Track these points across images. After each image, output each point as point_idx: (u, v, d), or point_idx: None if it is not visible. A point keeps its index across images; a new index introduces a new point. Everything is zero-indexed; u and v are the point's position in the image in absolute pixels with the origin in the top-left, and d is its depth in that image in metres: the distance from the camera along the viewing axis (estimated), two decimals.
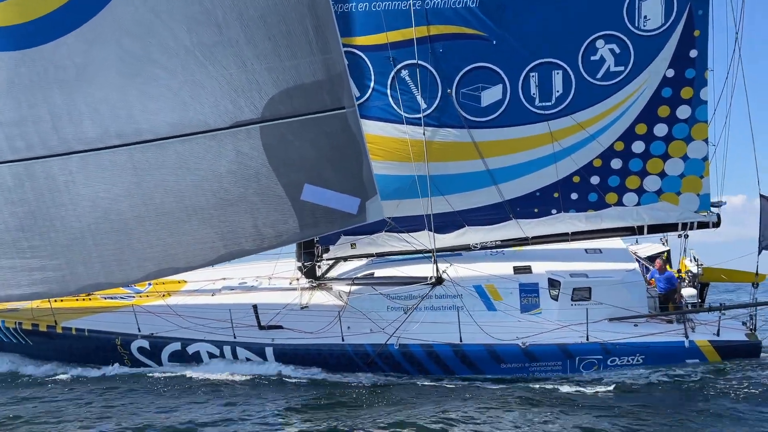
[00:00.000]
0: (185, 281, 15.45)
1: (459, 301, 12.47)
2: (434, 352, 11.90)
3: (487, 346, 11.78)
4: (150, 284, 15.16)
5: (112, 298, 14.85)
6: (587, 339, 11.54)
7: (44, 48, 10.47)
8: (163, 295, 14.61)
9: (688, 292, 13.22)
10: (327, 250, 14.60)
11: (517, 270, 12.95)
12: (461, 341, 11.84)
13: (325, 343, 12.36)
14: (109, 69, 10.57)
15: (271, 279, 15.07)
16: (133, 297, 14.90)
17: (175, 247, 11.48)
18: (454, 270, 12.74)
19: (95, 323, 14.00)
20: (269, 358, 12.58)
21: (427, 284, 12.29)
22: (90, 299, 14.89)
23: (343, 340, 12.28)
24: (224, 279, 15.36)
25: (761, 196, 12.22)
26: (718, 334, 11.54)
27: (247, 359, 12.72)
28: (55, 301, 14.26)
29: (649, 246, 16.40)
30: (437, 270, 12.32)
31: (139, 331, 13.40)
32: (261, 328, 12.94)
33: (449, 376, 11.97)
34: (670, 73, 12.11)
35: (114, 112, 10.79)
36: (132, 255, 11.56)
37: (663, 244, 15.92)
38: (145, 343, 13.33)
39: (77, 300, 14.81)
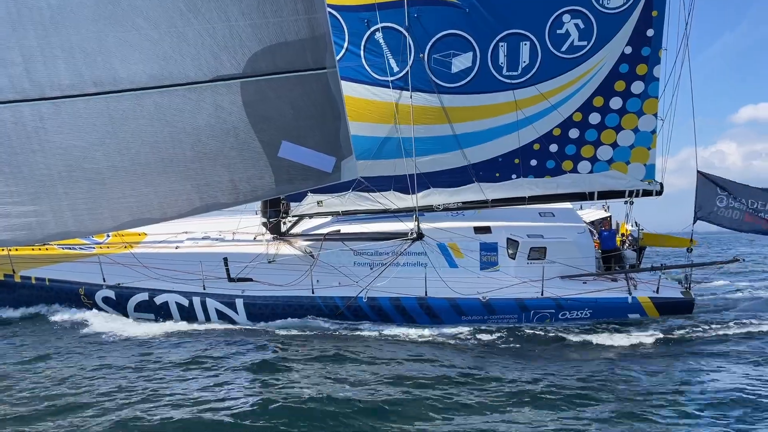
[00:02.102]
0: (145, 234, 15.42)
1: (423, 258, 13.19)
2: (401, 305, 12.58)
3: (450, 299, 12.56)
4: (108, 236, 15.08)
5: (70, 248, 14.69)
6: (542, 294, 12.50)
7: None
8: (126, 247, 14.58)
9: (628, 254, 14.51)
10: (289, 207, 14.95)
11: (477, 230, 13.73)
12: (426, 295, 12.56)
13: (296, 295, 12.80)
14: (87, 14, 10.32)
15: (235, 234, 15.28)
16: (93, 248, 14.79)
17: (150, 198, 11.48)
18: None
19: (57, 273, 13.88)
20: (239, 310, 12.91)
21: (408, 239, 12.86)
22: (47, 249, 14.71)
23: (313, 292, 12.75)
24: (186, 232, 15.41)
25: (698, 172, 13.43)
26: (657, 292, 12.77)
27: (217, 310, 13.00)
28: (12, 249, 14.04)
29: (592, 212, 17.67)
30: (418, 226, 12.91)
31: (105, 281, 13.40)
32: (231, 280, 13.21)
33: (413, 325, 12.70)
34: (628, 50, 12.97)
35: (91, 59, 10.57)
36: (105, 205, 11.47)
37: (605, 210, 17.19)
38: (111, 293, 13.36)
39: (33, 249, 14.61)
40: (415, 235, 12.84)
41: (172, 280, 13.17)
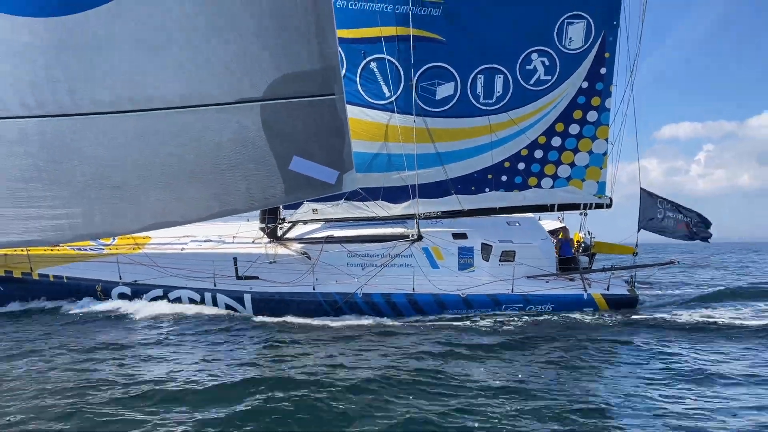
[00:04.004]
0: (149, 237, 16.75)
1: (410, 260, 15.07)
2: (392, 301, 14.39)
3: (434, 295, 14.46)
4: (114, 239, 16.40)
5: (81, 249, 15.91)
6: (512, 291, 14.56)
7: (70, 18, 11.48)
8: (133, 248, 15.92)
9: (582, 259, 16.79)
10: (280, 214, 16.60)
11: (455, 236, 15.71)
12: (414, 291, 14.42)
13: (298, 291, 14.44)
14: (127, 42, 11.75)
15: (235, 237, 16.79)
16: (102, 249, 16.07)
17: (173, 204, 12.92)
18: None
19: (73, 271, 15.11)
20: (247, 305, 14.45)
21: (409, 240, 14.72)
22: (58, 250, 15.86)
23: (314, 289, 14.43)
24: (187, 236, 16.84)
25: (641, 189, 15.79)
26: (608, 289, 15.02)
27: (227, 305, 14.50)
28: (25, 250, 15.13)
29: (548, 222, 19.95)
30: (418, 228, 14.85)
31: (121, 278, 14.71)
32: (239, 278, 14.75)
33: (400, 318, 14.50)
34: (585, 84, 15.27)
35: (127, 81, 11.99)
36: (132, 209, 12.83)
37: (560, 221, 19.50)
38: (127, 290, 14.68)
39: (44, 250, 15.74)
40: (416, 237, 14.72)
41: (185, 278, 14.60)
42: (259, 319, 13.93)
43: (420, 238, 14.83)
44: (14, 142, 12.41)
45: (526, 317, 13.96)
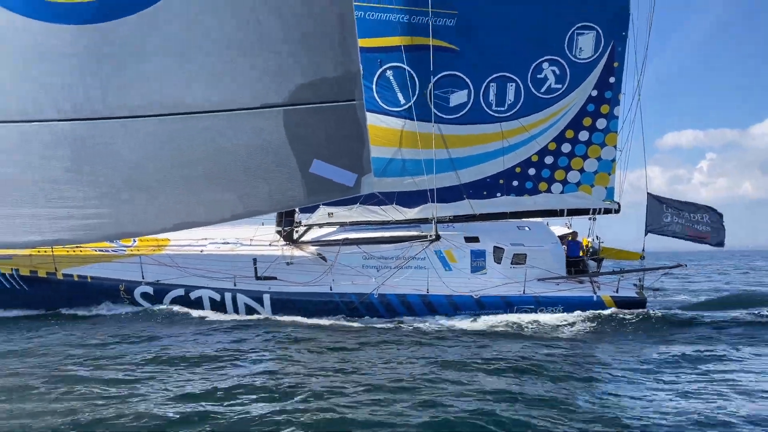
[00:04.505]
0: (168, 239, 17.20)
1: (423, 262, 15.52)
2: (407, 301, 14.82)
3: (447, 296, 14.89)
4: (135, 241, 16.87)
5: (103, 251, 16.38)
6: (524, 292, 14.99)
7: (104, 25, 12.04)
8: (155, 249, 16.38)
9: (590, 263, 17.24)
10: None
11: (467, 239, 16.16)
12: (428, 292, 14.86)
13: (316, 291, 14.88)
14: (160, 49, 12.30)
15: (252, 240, 17.25)
16: (124, 250, 16.53)
17: (198, 205, 13.38)
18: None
19: (97, 271, 15.55)
20: (266, 305, 14.88)
21: (427, 240, 15.18)
22: (81, 250, 16.31)
23: (331, 289, 14.87)
24: (205, 239, 17.29)
25: (648, 193, 16.26)
26: (617, 291, 15.45)
27: (246, 305, 14.93)
28: (50, 250, 15.56)
29: (557, 228, 20.40)
30: (436, 229, 15.33)
31: (143, 278, 15.16)
32: (258, 278, 15.20)
33: (415, 318, 14.89)
34: (594, 92, 15.77)
35: (158, 86, 12.50)
36: (159, 210, 13.29)
37: (568, 227, 19.93)
38: (149, 289, 15.12)
39: (68, 251, 16.20)
40: (434, 237, 15.19)
41: (205, 278, 15.04)
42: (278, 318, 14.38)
43: (438, 237, 15.29)
44: (48, 145, 12.88)
45: (539, 326, 14.13)
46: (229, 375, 8.48)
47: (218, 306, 14.93)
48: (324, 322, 14.21)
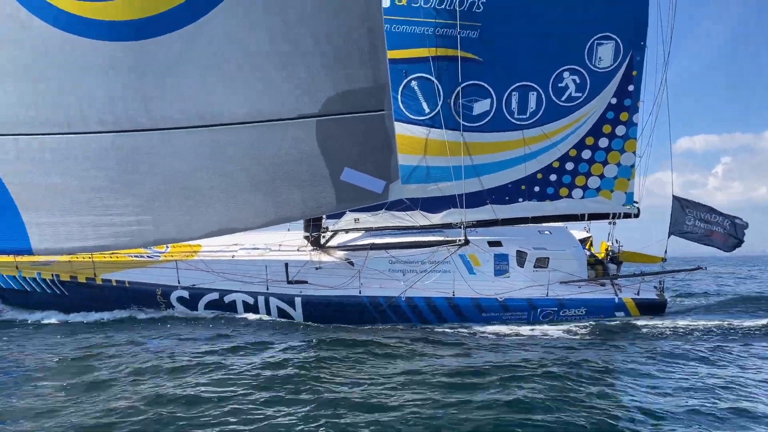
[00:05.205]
0: (200, 245, 17.79)
1: (448, 266, 16.00)
2: (433, 304, 15.31)
3: (473, 299, 15.36)
4: (168, 247, 17.46)
5: (139, 257, 16.99)
6: (547, 295, 15.43)
7: (146, 42, 12.62)
8: (188, 255, 16.97)
9: (610, 266, 17.64)
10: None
11: (490, 243, 16.63)
12: (454, 295, 15.34)
13: (345, 294, 15.40)
14: (199, 64, 12.87)
15: (281, 245, 17.80)
16: (158, 256, 17.13)
17: (235, 213, 13.90)
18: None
19: (134, 276, 16.15)
20: (297, 308, 15.41)
21: (457, 245, 15.68)
22: (119, 257, 16.93)
23: (360, 293, 15.38)
24: (236, 244, 17.87)
25: (674, 196, 16.67)
26: (638, 294, 15.86)
27: (278, 308, 15.47)
28: (89, 256, 16.17)
29: (575, 233, 20.81)
30: (465, 233, 15.86)
31: (179, 282, 15.74)
32: (289, 282, 15.74)
33: (441, 323, 15.38)
34: (614, 100, 16.24)
35: (198, 99, 13.01)
36: (199, 217, 13.81)
37: (586, 231, 20.35)
38: (185, 293, 15.69)
39: (105, 257, 16.81)
40: (463, 241, 15.68)
41: (239, 282, 15.61)
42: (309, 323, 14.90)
43: (467, 242, 15.77)
44: (92, 156, 13.46)
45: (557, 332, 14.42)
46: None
47: (251, 309, 15.48)
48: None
